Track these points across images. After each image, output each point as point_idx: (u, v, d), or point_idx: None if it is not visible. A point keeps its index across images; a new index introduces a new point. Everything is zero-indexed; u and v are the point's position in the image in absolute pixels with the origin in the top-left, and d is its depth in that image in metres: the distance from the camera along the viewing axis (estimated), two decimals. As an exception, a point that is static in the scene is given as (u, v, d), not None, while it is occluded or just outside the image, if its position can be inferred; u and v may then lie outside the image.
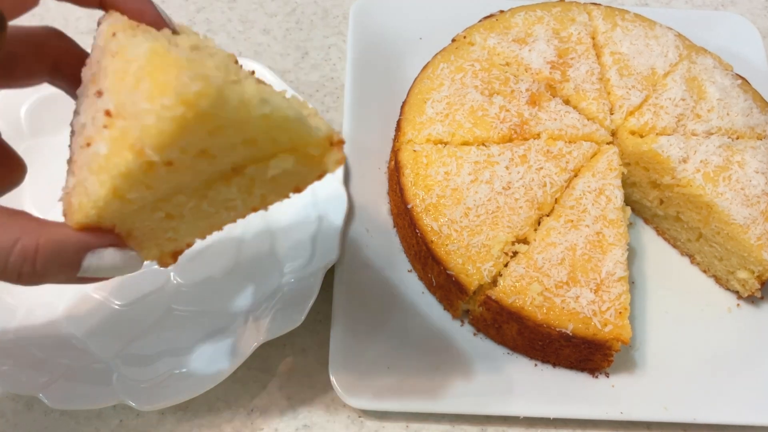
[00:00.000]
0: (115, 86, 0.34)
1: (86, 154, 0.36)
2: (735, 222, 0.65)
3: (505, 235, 0.62)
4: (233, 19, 0.92)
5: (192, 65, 0.31)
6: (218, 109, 0.32)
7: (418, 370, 0.63)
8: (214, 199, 0.40)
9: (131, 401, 0.58)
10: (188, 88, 0.30)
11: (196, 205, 0.40)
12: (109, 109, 0.34)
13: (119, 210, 0.37)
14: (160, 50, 0.31)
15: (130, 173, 0.34)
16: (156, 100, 0.31)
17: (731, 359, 0.65)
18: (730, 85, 0.73)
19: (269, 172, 0.39)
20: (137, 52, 0.32)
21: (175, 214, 0.40)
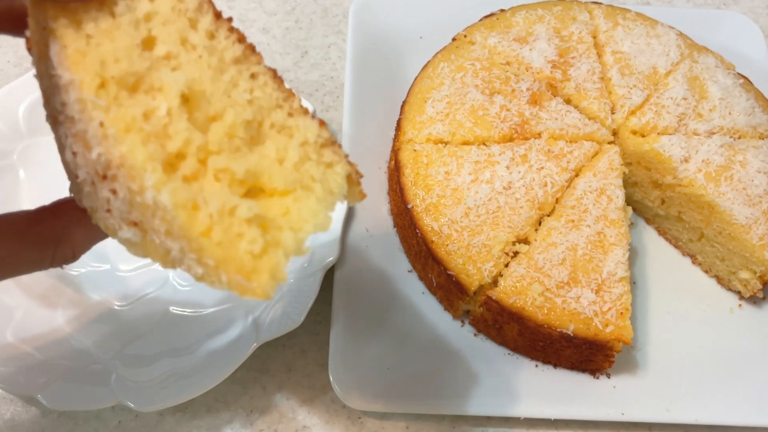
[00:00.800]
0: (136, 207, 0.36)
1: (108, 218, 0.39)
2: (737, 222, 0.65)
3: (506, 235, 0.62)
4: (232, 18, 0.91)
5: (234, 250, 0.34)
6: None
7: (418, 371, 0.62)
8: None
9: (130, 402, 0.58)
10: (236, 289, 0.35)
11: None
12: (135, 221, 0.37)
13: None
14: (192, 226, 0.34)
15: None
16: (203, 272, 0.35)
17: (733, 360, 0.65)
18: (732, 85, 0.73)
19: None
20: (161, 203, 0.34)
21: None
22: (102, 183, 0.37)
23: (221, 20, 0.40)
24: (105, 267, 0.67)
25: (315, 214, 0.38)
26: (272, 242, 0.36)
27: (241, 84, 0.39)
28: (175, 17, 0.38)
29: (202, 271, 0.36)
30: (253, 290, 0.34)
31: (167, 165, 0.35)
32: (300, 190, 0.38)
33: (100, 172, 0.36)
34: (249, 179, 0.37)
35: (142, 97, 0.36)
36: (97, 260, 0.67)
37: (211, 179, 0.36)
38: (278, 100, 0.40)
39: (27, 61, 0.85)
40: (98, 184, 0.37)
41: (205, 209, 0.35)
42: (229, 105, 0.38)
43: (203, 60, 0.38)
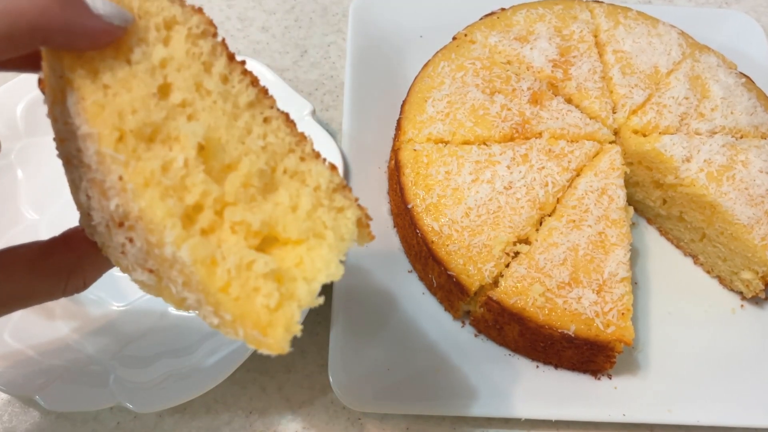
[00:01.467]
0: (153, 257, 0.37)
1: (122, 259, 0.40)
2: (739, 222, 0.65)
3: (507, 236, 0.62)
4: (232, 17, 0.91)
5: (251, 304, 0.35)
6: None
7: (418, 372, 0.62)
8: None
9: (128, 403, 0.57)
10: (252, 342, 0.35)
11: None
12: (151, 269, 0.38)
13: None
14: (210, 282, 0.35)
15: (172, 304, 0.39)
16: (219, 323, 0.36)
17: (735, 360, 0.65)
18: (734, 84, 0.72)
19: None
20: (180, 259, 0.35)
21: None
22: (118, 230, 0.37)
23: (234, 63, 0.41)
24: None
25: (327, 264, 0.38)
26: (287, 295, 0.36)
27: (255, 130, 0.40)
28: (189, 62, 0.39)
29: (218, 321, 0.36)
30: (268, 345, 0.35)
31: (185, 218, 0.36)
32: (313, 238, 0.39)
33: (117, 220, 0.36)
34: (264, 230, 0.38)
35: (159, 148, 0.36)
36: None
37: (228, 231, 0.37)
38: (291, 145, 0.41)
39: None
40: (114, 229, 0.38)
41: (223, 264, 0.35)
42: (243, 153, 0.39)
43: (218, 106, 0.39)
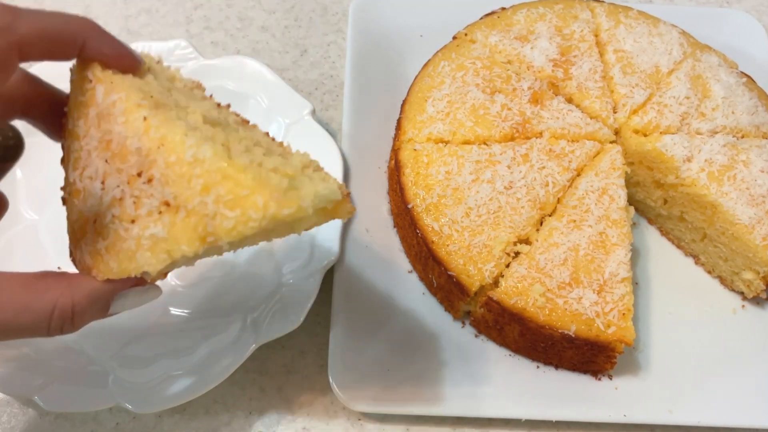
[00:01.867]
0: (172, 181, 0.39)
1: (128, 230, 0.40)
2: (740, 222, 0.64)
3: (507, 236, 0.61)
4: (231, 17, 0.91)
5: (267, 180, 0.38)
6: (290, 218, 0.38)
7: (418, 373, 0.62)
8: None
9: (128, 404, 0.57)
10: (273, 209, 0.37)
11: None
12: (168, 200, 0.39)
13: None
14: (230, 165, 0.38)
15: (193, 255, 0.39)
16: (238, 210, 0.37)
17: (736, 361, 0.64)
18: (735, 84, 0.72)
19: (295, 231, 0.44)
20: (201, 156, 0.38)
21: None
22: (136, 182, 0.39)
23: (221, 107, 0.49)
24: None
25: (324, 182, 0.41)
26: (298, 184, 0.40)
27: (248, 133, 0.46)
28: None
29: (234, 216, 0.37)
30: (289, 201, 0.37)
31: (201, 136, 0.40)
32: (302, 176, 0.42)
33: (136, 171, 0.39)
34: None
35: (174, 110, 0.41)
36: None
37: (237, 144, 0.41)
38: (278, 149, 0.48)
39: (24, 59, 0.85)
40: (128, 189, 0.40)
41: (237, 158, 0.39)
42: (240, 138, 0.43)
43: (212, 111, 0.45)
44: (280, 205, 0.37)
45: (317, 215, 0.42)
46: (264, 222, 0.37)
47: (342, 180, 0.70)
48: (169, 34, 0.88)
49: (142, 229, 0.40)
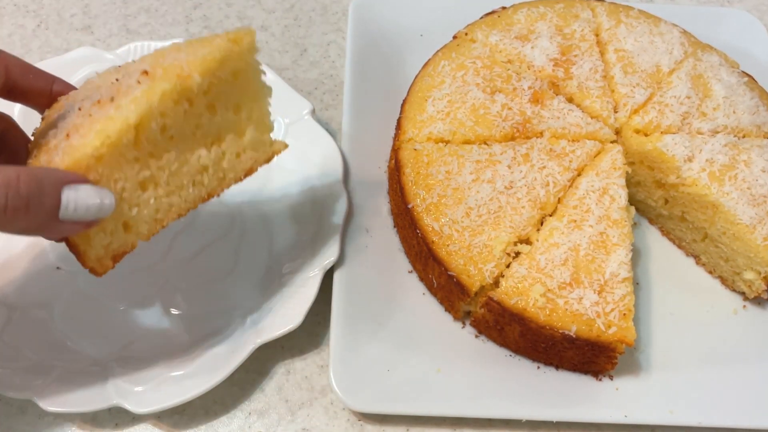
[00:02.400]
0: (150, 61, 0.49)
1: (101, 108, 0.45)
2: (741, 222, 0.64)
3: (507, 236, 0.61)
4: (231, 16, 0.90)
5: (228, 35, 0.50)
6: (248, 53, 0.50)
7: (418, 373, 0.62)
8: (192, 166, 0.50)
9: (127, 404, 0.57)
10: (239, 34, 0.49)
11: (177, 170, 0.49)
12: (146, 69, 0.46)
13: (119, 153, 0.44)
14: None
15: (171, 95, 0.45)
16: (212, 41, 0.48)
17: (737, 361, 0.64)
18: (736, 83, 0.72)
19: (244, 140, 0.53)
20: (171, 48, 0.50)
21: (155, 179, 0.48)
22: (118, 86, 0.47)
23: None
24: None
25: None
26: None
27: None
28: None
29: (202, 54, 0.47)
30: (240, 40, 0.49)
31: None
32: None
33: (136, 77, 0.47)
34: None
35: None
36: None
37: None
38: None
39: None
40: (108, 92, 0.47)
41: None
42: None
43: None
44: (234, 43, 0.48)
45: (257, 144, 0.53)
46: (233, 48, 0.48)
47: (341, 180, 0.69)
48: (168, 34, 0.88)
49: (120, 98, 0.45)
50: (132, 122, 0.44)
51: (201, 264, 0.67)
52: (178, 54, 0.48)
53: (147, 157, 0.47)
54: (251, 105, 0.53)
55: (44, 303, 0.64)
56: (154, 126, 0.45)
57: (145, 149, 0.46)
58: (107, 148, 0.43)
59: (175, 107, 0.46)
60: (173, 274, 0.67)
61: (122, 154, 0.45)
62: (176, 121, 0.47)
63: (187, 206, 0.50)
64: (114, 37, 0.87)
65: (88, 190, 0.43)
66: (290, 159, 0.72)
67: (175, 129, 0.47)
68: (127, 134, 0.44)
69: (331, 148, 0.71)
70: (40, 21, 0.88)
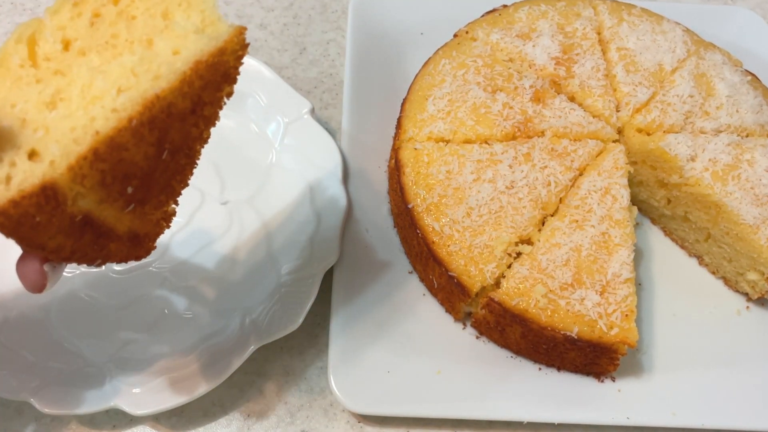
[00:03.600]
0: None
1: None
2: (744, 222, 0.64)
3: (509, 236, 0.61)
4: (229, 14, 0.90)
5: None
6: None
7: (419, 374, 0.61)
8: (112, 72, 0.41)
9: (124, 406, 0.57)
10: None
11: (91, 82, 0.40)
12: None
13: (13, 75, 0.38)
14: None
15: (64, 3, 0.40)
16: None
17: (741, 363, 0.64)
18: (739, 82, 0.71)
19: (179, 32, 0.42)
20: None
21: (64, 94, 0.40)
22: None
23: None
24: (99, 268, 0.66)
25: None
26: None
27: None
28: None
29: None
30: None
31: None
32: None
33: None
34: None
35: None
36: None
37: None
38: None
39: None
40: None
41: None
42: None
43: None
44: None
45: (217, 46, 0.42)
46: None
47: (341, 180, 0.69)
48: None
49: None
50: (17, 40, 0.38)
51: (199, 264, 0.67)
52: None
53: (51, 76, 0.40)
54: (186, 7, 0.43)
55: (41, 304, 0.63)
56: (51, 40, 0.39)
57: (48, 68, 0.39)
58: None
59: (75, 19, 0.40)
60: (171, 274, 0.66)
61: (17, 76, 0.39)
62: (81, 34, 0.40)
63: (117, 116, 0.39)
64: (112, 36, 0.86)
65: None
66: (289, 158, 0.72)
67: (83, 42, 0.40)
68: (17, 52, 0.38)
69: (330, 148, 0.71)
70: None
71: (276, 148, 0.73)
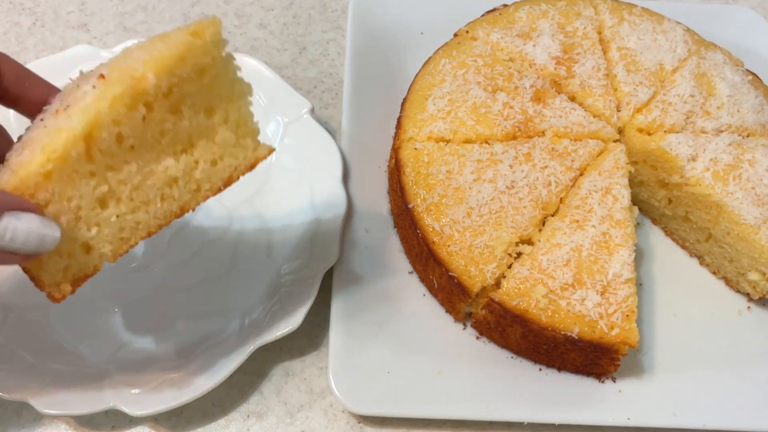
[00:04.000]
0: (112, 62, 0.43)
1: (56, 118, 0.41)
2: (745, 222, 0.64)
3: (509, 236, 0.60)
4: (229, 14, 0.90)
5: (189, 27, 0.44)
6: (213, 46, 0.44)
7: (419, 375, 0.61)
8: (159, 178, 0.45)
9: (124, 407, 0.57)
10: (200, 25, 0.43)
11: (141, 183, 0.44)
12: (103, 73, 0.42)
13: (70, 168, 0.41)
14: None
15: (123, 99, 0.41)
16: (171, 36, 0.43)
17: (742, 363, 0.64)
18: (740, 81, 0.71)
19: (219, 146, 0.47)
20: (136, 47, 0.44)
21: (116, 194, 0.44)
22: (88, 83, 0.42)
23: None
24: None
25: None
26: None
27: None
28: None
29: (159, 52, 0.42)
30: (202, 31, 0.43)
31: None
32: None
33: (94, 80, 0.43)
34: None
35: None
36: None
37: None
38: None
39: (20, 59, 0.84)
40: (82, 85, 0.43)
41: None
42: None
43: None
44: (195, 36, 0.43)
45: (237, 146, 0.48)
46: (194, 42, 0.43)
47: (341, 180, 0.69)
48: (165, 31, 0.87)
49: (75, 106, 0.41)
50: (79, 133, 0.40)
51: (198, 264, 0.67)
52: (139, 52, 0.42)
53: (104, 171, 0.42)
54: (226, 106, 0.47)
55: (40, 305, 0.63)
56: (107, 135, 0.41)
57: (101, 162, 0.42)
58: (54, 164, 0.39)
59: (130, 113, 0.41)
60: (170, 274, 0.66)
61: (74, 169, 0.40)
62: (134, 129, 0.42)
63: (158, 222, 0.46)
64: (111, 35, 0.86)
65: (32, 220, 0.39)
66: (289, 158, 0.72)
67: (135, 138, 0.43)
68: (76, 147, 0.40)
69: (330, 148, 0.71)
70: (36, 18, 0.88)
71: (276, 147, 0.73)
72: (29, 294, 0.63)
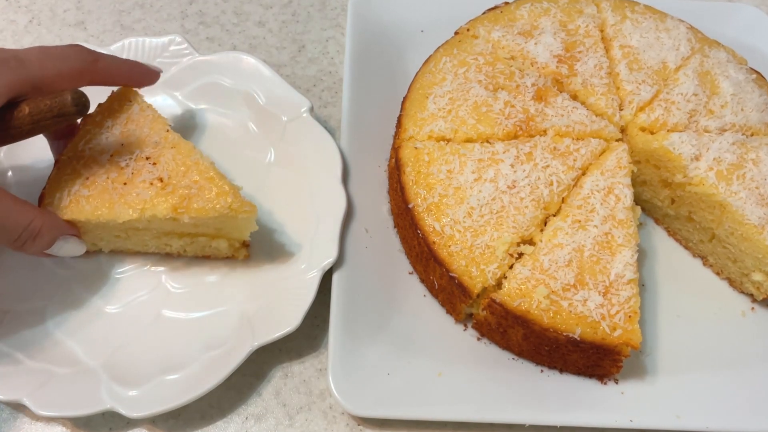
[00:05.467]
0: (171, 169, 0.60)
1: (117, 189, 0.59)
2: (749, 222, 0.63)
3: (510, 236, 0.60)
4: (227, 11, 0.89)
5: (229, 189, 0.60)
6: (245, 222, 0.62)
7: (419, 377, 0.61)
8: (161, 242, 0.64)
9: (121, 408, 0.56)
10: (235, 203, 0.59)
11: (146, 241, 0.64)
12: (162, 177, 0.59)
13: (110, 227, 0.61)
14: (215, 174, 0.61)
15: (159, 217, 0.58)
16: (210, 200, 0.59)
17: (746, 365, 0.63)
18: (744, 80, 0.71)
19: (211, 245, 0.65)
20: (200, 162, 0.61)
21: (127, 238, 0.64)
22: (142, 162, 0.61)
23: None
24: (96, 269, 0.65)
25: None
26: None
27: None
28: None
29: (204, 201, 0.60)
30: (242, 204, 0.60)
31: None
32: None
33: (145, 156, 0.62)
34: None
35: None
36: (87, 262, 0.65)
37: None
38: None
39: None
40: (132, 164, 0.61)
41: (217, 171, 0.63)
42: None
43: None
44: (237, 205, 0.59)
45: (229, 245, 0.65)
46: (221, 211, 0.58)
47: (340, 180, 0.68)
48: (163, 30, 0.87)
49: (131, 189, 0.58)
50: (123, 221, 0.58)
51: (197, 265, 0.66)
52: (197, 169, 0.60)
53: (127, 230, 0.62)
54: (232, 234, 0.63)
55: (37, 306, 0.63)
56: (140, 225, 0.60)
57: (128, 228, 0.61)
58: (101, 222, 0.59)
59: (162, 221, 0.59)
60: (168, 275, 0.66)
61: (109, 229, 0.61)
62: (159, 226, 0.61)
63: (147, 252, 0.66)
64: (108, 33, 0.85)
65: (74, 242, 0.59)
66: (288, 157, 0.72)
67: (157, 228, 0.61)
68: (117, 224, 0.59)
69: (329, 147, 0.70)
70: (32, 16, 0.87)
71: (275, 146, 0.72)
72: (26, 295, 0.63)
